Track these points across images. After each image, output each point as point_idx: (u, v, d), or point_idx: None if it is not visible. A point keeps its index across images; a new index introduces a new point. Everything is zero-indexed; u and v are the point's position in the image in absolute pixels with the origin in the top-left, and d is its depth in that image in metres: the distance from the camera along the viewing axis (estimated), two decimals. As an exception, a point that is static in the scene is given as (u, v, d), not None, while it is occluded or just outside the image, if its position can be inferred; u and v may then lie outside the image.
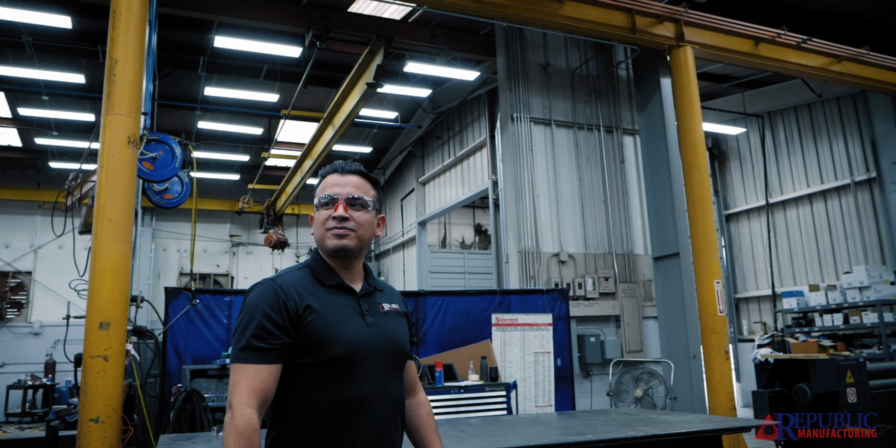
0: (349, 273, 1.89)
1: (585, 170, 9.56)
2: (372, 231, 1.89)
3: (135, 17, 6.15)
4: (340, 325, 1.75)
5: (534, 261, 8.79)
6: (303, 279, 1.82)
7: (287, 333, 1.70)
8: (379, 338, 1.82)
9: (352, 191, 1.85)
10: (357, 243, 1.85)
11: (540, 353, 7.16)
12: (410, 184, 15.89)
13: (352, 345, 1.74)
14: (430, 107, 13.74)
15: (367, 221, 1.86)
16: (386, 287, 2.01)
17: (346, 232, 1.82)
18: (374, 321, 1.84)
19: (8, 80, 11.92)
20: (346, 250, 1.82)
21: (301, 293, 1.76)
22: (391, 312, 1.91)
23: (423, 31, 9.80)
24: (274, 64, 12.03)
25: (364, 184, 1.90)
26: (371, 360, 1.78)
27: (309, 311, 1.73)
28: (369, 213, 1.87)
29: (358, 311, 1.83)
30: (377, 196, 1.93)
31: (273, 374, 1.69)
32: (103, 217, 5.80)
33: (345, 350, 1.73)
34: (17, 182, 15.87)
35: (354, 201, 1.84)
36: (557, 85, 9.64)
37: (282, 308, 1.71)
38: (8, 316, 15.41)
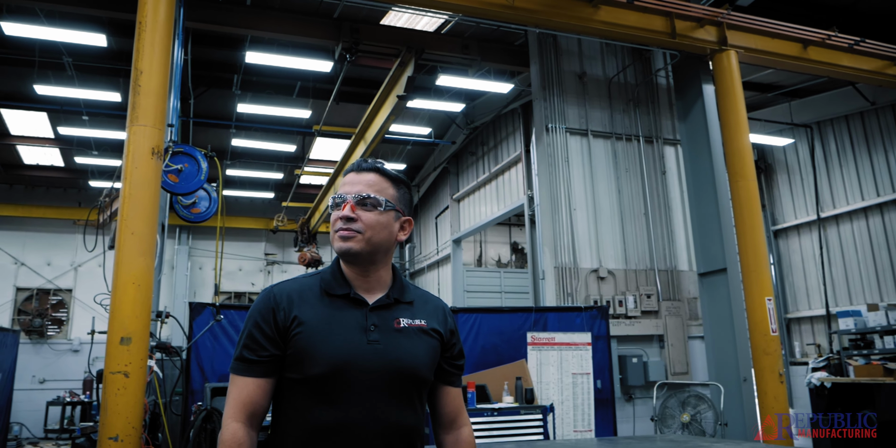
0: (365, 281, 1.69)
1: (625, 182, 9.18)
2: (387, 234, 1.68)
3: (160, 29, 6.09)
4: (328, 340, 1.58)
5: (571, 277, 8.41)
6: (305, 287, 1.68)
7: (275, 345, 1.60)
8: (379, 357, 1.60)
9: (362, 189, 1.66)
10: (364, 247, 1.64)
11: (578, 375, 6.76)
12: (445, 201, 15.66)
13: (337, 362, 1.56)
14: (464, 122, 13.53)
15: (376, 222, 1.65)
16: (420, 300, 1.77)
17: (350, 234, 1.63)
18: (379, 338, 1.62)
19: (50, 99, 12.11)
20: (350, 254, 1.64)
21: (294, 302, 1.63)
22: (410, 329, 1.67)
23: (455, 43, 9.61)
24: (306, 80, 11.99)
25: (381, 181, 1.69)
26: (362, 382, 1.58)
27: (296, 322, 1.60)
28: (384, 213, 1.66)
29: (362, 325, 1.62)
30: (398, 195, 1.72)
31: (261, 387, 1.60)
32: (126, 229, 5.67)
33: (326, 368, 1.55)
34: (60, 201, 16.11)
35: (364, 200, 1.64)
36: (594, 94, 9.32)
37: (271, 318, 1.61)
38: (49, 333, 15.55)
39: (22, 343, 14.79)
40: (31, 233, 15.77)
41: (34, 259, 15.78)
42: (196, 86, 11.69)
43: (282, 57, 10.20)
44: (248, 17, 9.19)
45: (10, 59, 10.89)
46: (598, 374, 7.01)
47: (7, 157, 14.94)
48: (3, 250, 15.61)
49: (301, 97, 12.40)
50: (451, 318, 1.81)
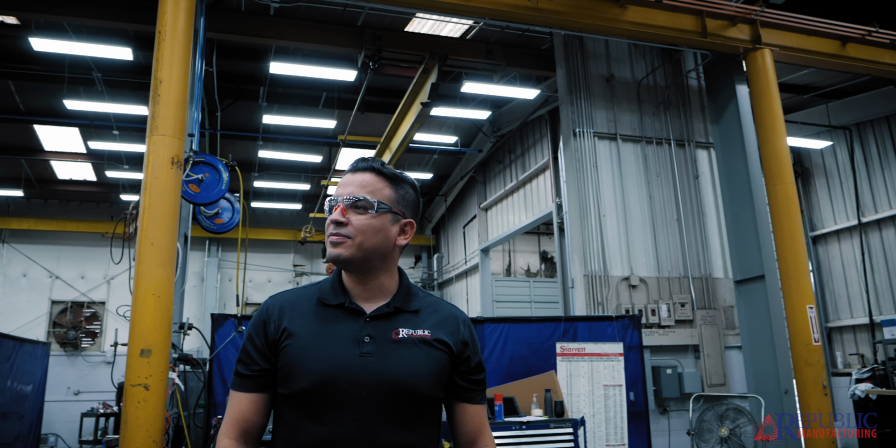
0: (364, 289, 1.57)
1: (656, 187, 8.91)
2: (382, 239, 1.54)
3: (179, 38, 6.07)
4: (316, 353, 1.47)
5: (601, 285, 8.16)
6: (302, 297, 1.59)
7: (265, 359, 1.53)
8: (371, 370, 1.46)
9: (354, 190, 1.54)
10: (356, 253, 1.51)
11: (610, 386, 6.50)
12: (472, 210, 15.49)
13: (324, 377, 1.45)
14: (490, 130, 13.38)
15: (368, 226, 1.52)
16: (430, 309, 1.62)
17: (340, 239, 1.51)
18: (374, 350, 1.49)
19: (80, 114, 12.28)
20: (340, 261, 1.52)
21: (286, 313, 1.55)
22: (410, 340, 1.52)
23: (479, 48, 9.48)
24: (331, 90, 11.98)
25: (376, 181, 1.56)
26: (353, 398, 1.45)
27: (286, 334, 1.51)
28: (377, 216, 1.53)
29: (356, 336, 1.50)
30: (395, 196, 1.58)
31: (254, 402, 1.54)
32: (146, 240, 5.62)
33: (311, 382, 1.45)
34: (93, 215, 16.34)
35: (356, 203, 1.53)
36: (622, 97, 9.09)
37: (262, 330, 1.55)
38: (83, 345, 15.72)
39: (57, 355, 15.06)
40: (66, 246, 16.00)
41: (68, 272, 16.00)
42: (222, 98, 11.75)
43: (306, 67, 10.18)
44: (272, 26, 9.19)
45: (41, 76, 11.07)
46: (631, 385, 6.73)
47: (41, 173, 15.21)
48: (38, 264, 15.86)
49: (326, 108, 12.38)
50: (466, 328, 1.64)
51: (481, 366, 1.65)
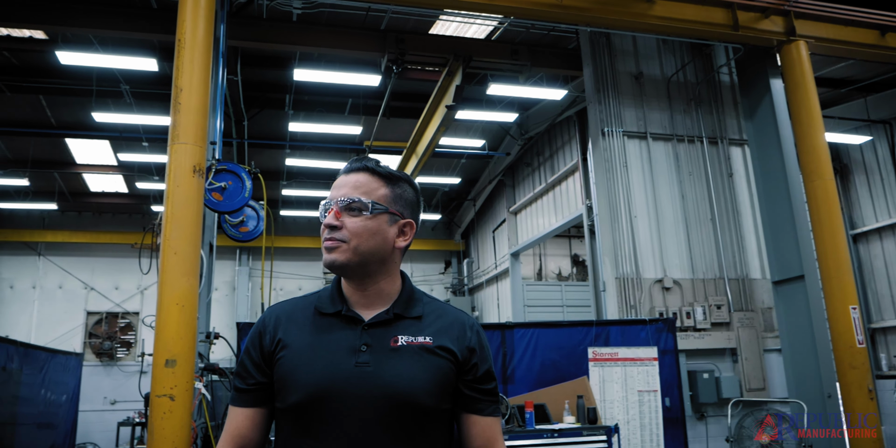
0: (363, 296, 1.49)
1: (688, 186, 8.65)
2: (379, 241, 1.46)
3: (199, 46, 6.04)
4: (309, 365, 1.40)
5: (634, 288, 7.93)
6: (299, 307, 1.53)
7: (261, 372, 1.47)
8: (366, 381, 1.38)
9: (348, 192, 1.47)
10: (351, 257, 1.43)
11: (645, 392, 6.28)
12: (501, 214, 15.32)
13: (317, 390, 1.37)
14: (518, 133, 13.22)
15: (363, 229, 1.44)
16: (434, 314, 1.52)
17: (334, 244, 1.44)
18: (370, 359, 1.40)
19: (109, 127, 12.44)
20: (335, 266, 1.44)
21: (281, 324, 1.48)
22: (409, 347, 1.43)
23: (503, 49, 9.34)
24: (356, 97, 11.94)
25: (370, 181, 1.49)
26: (347, 411, 1.36)
27: (280, 345, 1.45)
28: (372, 218, 1.45)
29: (352, 345, 1.41)
30: (392, 196, 1.50)
31: (250, 418, 1.48)
32: (169, 249, 5.58)
33: (303, 396, 1.38)
34: (125, 226, 16.55)
35: (350, 205, 1.45)
36: (652, 95, 8.86)
37: (258, 342, 1.49)
38: (118, 355, 15.90)
39: (93, 365, 15.27)
40: (100, 258, 16.24)
41: (103, 283, 16.22)
42: (249, 107, 11.79)
43: (330, 73, 10.15)
44: (295, 33, 9.18)
45: (70, 90, 11.22)
46: (667, 391, 6.49)
47: (74, 185, 15.46)
48: (73, 276, 16.11)
49: (352, 114, 12.36)
50: (473, 333, 1.52)
51: (491, 374, 1.53)
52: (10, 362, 7.11)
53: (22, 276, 16.05)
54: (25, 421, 7.63)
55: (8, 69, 11.03)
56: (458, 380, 1.47)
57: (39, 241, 16.03)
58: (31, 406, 7.83)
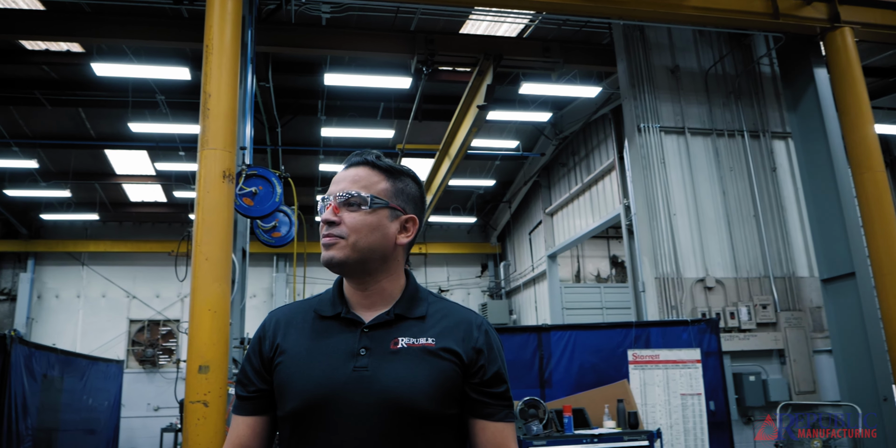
0: (364, 296, 1.42)
1: (729, 182, 8.36)
2: (379, 237, 1.38)
3: (227, 51, 6.04)
4: (306, 371, 1.34)
5: (675, 288, 7.67)
6: (300, 310, 1.47)
7: (262, 379, 1.41)
8: (364, 387, 1.30)
9: (346, 186, 1.40)
10: (350, 254, 1.36)
11: (688, 395, 6.04)
12: (537, 215, 15.12)
13: (313, 396, 1.31)
14: (552, 133, 13.03)
15: (361, 224, 1.37)
16: (439, 314, 1.43)
17: (332, 240, 1.37)
18: (368, 363, 1.32)
19: (147, 137, 12.64)
20: (333, 264, 1.37)
21: (281, 328, 1.43)
22: (410, 350, 1.34)
23: (535, 46, 9.18)
24: (388, 100, 11.92)
25: (370, 175, 1.42)
26: (345, 418, 1.29)
27: (278, 351, 1.40)
28: (372, 212, 1.38)
29: (351, 349, 1.35)
30: (393, 190, 1.43)
31: (251, 426, 1.42)
32: (200, 255, 5.58)
33: (299, 403, 1.32)
34: (165, 235, 16.81)
35: (348, 200, 1.38)
36: (689, 88, 8.60)
37: (258, 348, 1.44)
38: (160, 362, 16.13)
39: (136, 372, 15.52)
40: (141, 267, 16.51)
41: (144, 292, 16.49)
42: (282, 114, 11.85)
43: (360, 76, 10.14)
44: (324, 37, 9.17)
45: (107, 101, 11.43)
46: (711, 394, 6.23)
47: (115, 196, 15.76)
48: (116, 285, 16.42)
49: (385, 118, 12.34)
50: (481, 333, 1.41)
51: (501, 377, 1.41)
52: (51, 370, 7.20)
53: (67, 286, 16.42)
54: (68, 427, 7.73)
55: (48, 83, 11.29)
56: (464, 383, 1.37)
57: (83, 251, 16.38)
58: (74, 412, 7.94)
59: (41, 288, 16.35)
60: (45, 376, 6.98)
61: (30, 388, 6.39)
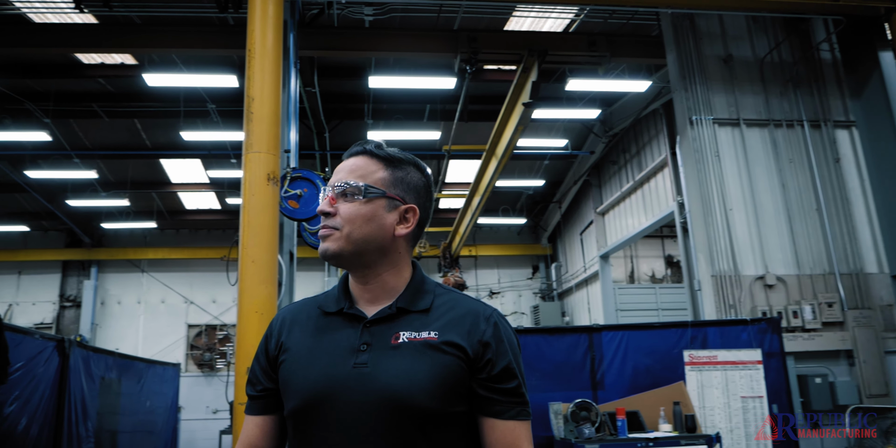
0: (367, 290, 1.37)
1: (789, 174, 7.98)
2: (375, 228, 1.33)
3: (269, 55, 6.08)
4: (307, 368, 1.30)
5: (732, 286, 7.35)
6: (306, 307, 1.43)
7: (269, 378, 1.39)
8: (364, 384, 1.25)
9: (343, 177, 1.36)
10: (344, 246, 1.32)
11: (749, 398, 5.74)
12: (588, 215, 14.82)
13: (313, 395, 1.27)
14: (601, 130, 12.76)
15: (355, 214, 1.32)
16: (445, 307, 1.35)
17: (327, 231, 1.34)
18: (368, 359, 1.27)
19: (199, 145, 12.92)
20: (327, 256, 1.34)
21: (286, 326, 1.40)
22: (411, 344, 1.28)
23: (580, 40, 8.99)
24: (434, 102, 11.89)
25: (367, 164, 1.37)
26: (343, 417, 1.24)
27: (282, 349, 1.37)
28: (366, 202, 1.33)
29: (353, 345, 1.30)
30: (392, 178, 1.37)
31: (259, 426, 1.39)
32: (247, 258, 5.61)
33: (300, 401, 1.28)
34: (219, 241, 17.12)
35: (345, 190, 1.34)
36: (743, 78, 8.25)
37: (265, 347, 1.42)
38: (218, 366, 16.46)
39: (195, 376, 15.86)
40: (197, 273, 16.89)
41: (201, 297, 16.85)
42: (329, 118, 11.94)
43: (405, 78, 10.12)
44: (368, 39, 9.20)
45: (160, 112, 11.73)
46: (774, 397, 5.91)
47: (171, 204, 16.18)
48: (174, 290, 16.84)
49: (431, 120, 12.31)
50: (489, 326, 1.32)
51: (511, 371, 1.30)
52: (109, 372, 7.37)
53: (128, 292, 16.93)
54: (127, 429, 7.90)
55: (104, 96, 11.66)
56: (471, 379, 1.29)
57: (142, 258, 16.86)
58: (132, 414, 8.11)
59: (104, 294, 16.90)
60: (102, 379, 7.13)
61: (89, 390, 6.54)
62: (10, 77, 10.72)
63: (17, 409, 5.02)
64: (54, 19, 9.30)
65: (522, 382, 1.31)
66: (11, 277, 16.86)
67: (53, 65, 10.63)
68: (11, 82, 10.96)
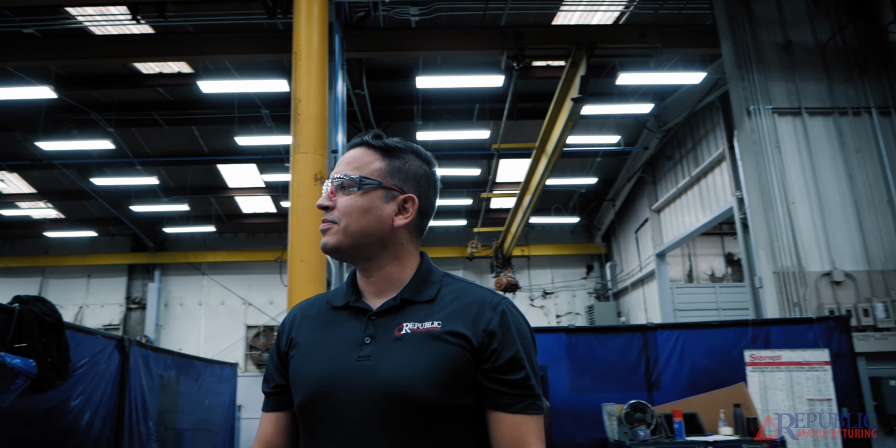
0: (371, 283, 1.35)
1: (857, 164, 7.57)
2: (372, 219, 1.30)
3: (314, 56, 6.13)
4: (312, 363, 1.29)
5: (796, 283, 7.01)
6: (317, 302, 1.42)
7: (281, 374, 1.39)
8: (366, 377, 1.22)
9: (341, 170, 1.35)
10: (342, 239, 1.30)
11: (817, 401, 5.45)
12: (643, 213, 14.47)
13: (317, 389, 1.25)
14: (655, 125, 12.44)
15: (351, 207, 1.30)
16: (451, 296, 1.31)
17: (326, 226, 1.33)
18: (371, 352, 1.24)
19: (253, 149, 13.19)
20: (327, 250, 1.33)
21: (296, 322, 1.39)
22: (414, 335, 1.24)
23: (630, 32, 8.77)
24: (483, 101, 11.82)
25: (364, 155, 1.35)
26: (346, 411, 1.21)
27: (292, 344, 1.36)
28: (362, 194, 1.31)
29: (357, 339, 1.27)
30: (388, 168, 1.34)
31: (273, 423, 1.39)
32: (295, 257, 5.65)
33: (305, 396, 1.27)
34: (276, 244, 17.46)
35: (342, 183, 1.33)
36: (804, 65, 7.87)
37: (277, 343, 1.42)
38: (277, 367, 16.74)
39: (254, 376, 16.15)
40: (255, 275, 17.25)
41: (259, 299, 17.20)
42: (379, 121, 12.01)
43: (453, 77, 10.08)
44: (414, 39, 9.22)
45: (216, 118, 12.02)
46: (844, 400, 5.59)
47: (229, 208, 16.57)
48: (233, 292, 17.23)
49: (480, 120, 12.24)
50: (496, 314, 1.26)
51: (518, 362, 1.23)
52: (167, 371, 7.55)
53: (189, 295, 17.42)
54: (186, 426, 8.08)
55: (163, 105, 12.03)
56: (476, 370, 1.23)
57: (202, 261, 17.33)
58: (190, 413, 8.29)
59: (167, 297, 17.43)
60: (161, 377, 7.31)
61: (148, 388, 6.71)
62: (75, 89, 11.17)
63: (81, 404, 5.20)
64: (113, 31, 9.63)
65: (532, 374, 1.24)
66: (81, 281, 17.57)
67: (115, 76, 11.02)
68: (77, 94, 11.42)
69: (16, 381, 4.20)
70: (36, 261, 17.40)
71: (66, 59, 9.36)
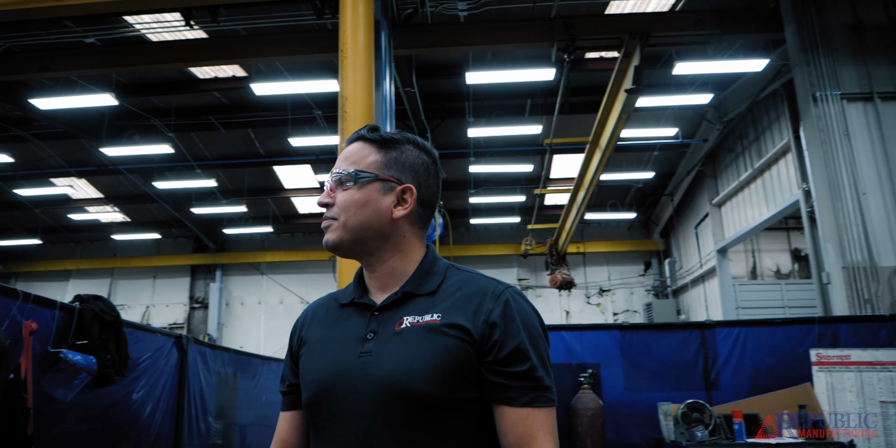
0: (376, 278, 1.33)
1: (933, 151, 7.12)
2: (371, 213, 1.28)
3: (360, 54, 6.14)
4: (317, 360, 1.28)
5: (867, 279, 6.62)
6: (328, 300, 1.42)
7: (293, 372, 1.39)
8: (367, 373, 1.20)
9: (339, 166, 1.34)
10: (343, 235, 1.29)
11: (890, 403, 5.12)
12: (703, 208, 14.01)
13: (321, 386, 1.25)
14: (715, 116, 12.02)
15: (349, 202, 1.29)
16: (454, 287, 1.27)
17: (327, 223, 1.31)
18: (373, 347, 1.22)
19: (307, 150, 13.36)
20: (329, 247, 1.32)
21: (307, 320, 1.40)
22: (413, 329, 1.21)
23: (685, 18, 8.46)
24: (534, 96, 11.66)
25: (361, 149, 1.33)
26: (348, 407, 1.20)
27: (302, 343, 1.37)
28: (359, 188, 1.29)
29: (361, 334, 1.26)
30: (385, 160, 1.31)
31: (289, 422, 1.39)
32: (343, 255, 5.64)
33: (310, 394, 1.27)
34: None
35: (340, 179, 1.31)
36: (876, 47, 7.42)
37: (290, 342, 1.43)
38: (335, 366, 16.98)
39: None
40: (312, 274, 17.52)
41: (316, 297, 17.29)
42: (430, 118, 11.98)
43: (503, 72, 9.95)
44: (463, 33, 9.14)
45: (270, 120, 12.22)
46: (922, 402, 5.25)
47: (285, 209, 16.86)
48: (291, 292, 17.54)
49: (532, 115, 12.08)
50: (498, 304, 1.21)
51: (523, 353, 1.17)
52: (225, 368, 7.69)
53: (249, 294, 17.81)
54: (244, 422, 8.21)
55: (219, 109, 12.32)
56: (479, 363, 1.19)
57: (261, 261, 17.70)
58: (248, 409, 8.42)
59: (228, 296, 17.87)
60: (219, 374, 7.45)
61: (207, 384, 6.84)
62: (135, 95, 11.54)
63: (143, 397, 5.38)
64: (169, 37, 9.89)
65: (540, 366, 1.17)
66: (147, 282, 18.19)
67: (172, 81, 11.33)
68: (137, 100, 11.80)
69: (78, 376, 4.33)
70: (105, 263, 18.12)
71: (126, 66, 9.66)
